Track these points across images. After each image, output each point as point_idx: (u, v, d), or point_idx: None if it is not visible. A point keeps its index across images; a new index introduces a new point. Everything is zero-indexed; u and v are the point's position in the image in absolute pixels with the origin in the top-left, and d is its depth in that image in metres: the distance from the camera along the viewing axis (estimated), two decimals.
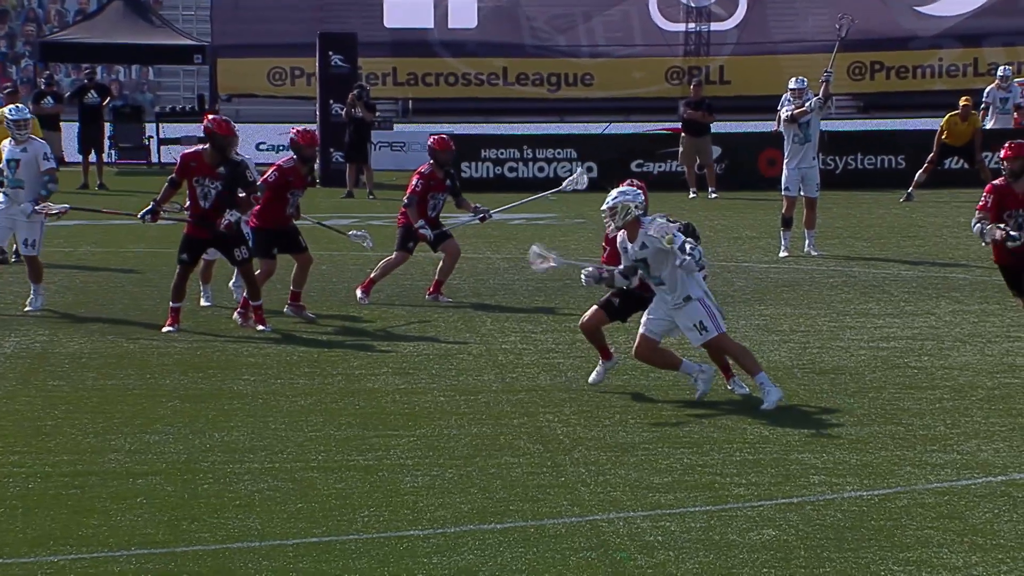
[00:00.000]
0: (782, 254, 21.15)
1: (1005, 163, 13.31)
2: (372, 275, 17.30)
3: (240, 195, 15.29)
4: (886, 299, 17.49)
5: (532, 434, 11.40)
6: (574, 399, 12.54)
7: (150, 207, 15.38)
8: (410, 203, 17.26)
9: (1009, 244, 13.44)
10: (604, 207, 12.26)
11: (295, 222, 16.26)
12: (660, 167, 32.31)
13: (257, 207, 15.89)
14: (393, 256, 17.36)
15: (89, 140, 32.59)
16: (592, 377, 12.78)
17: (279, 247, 16.04)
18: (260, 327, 15.27)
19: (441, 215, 17.59)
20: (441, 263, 17.51)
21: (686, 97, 32.31)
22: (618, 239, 12.33)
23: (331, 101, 33.07)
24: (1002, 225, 13.48)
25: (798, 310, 16.87)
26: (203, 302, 16.96)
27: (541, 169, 32.26)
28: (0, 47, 44.79)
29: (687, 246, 12.01)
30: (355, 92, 31.39)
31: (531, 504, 9.56)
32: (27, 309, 16.41)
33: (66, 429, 11.44)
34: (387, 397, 12.61)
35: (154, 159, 36.67)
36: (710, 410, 12.15)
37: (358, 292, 17.16)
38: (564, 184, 18.32)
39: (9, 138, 16.98)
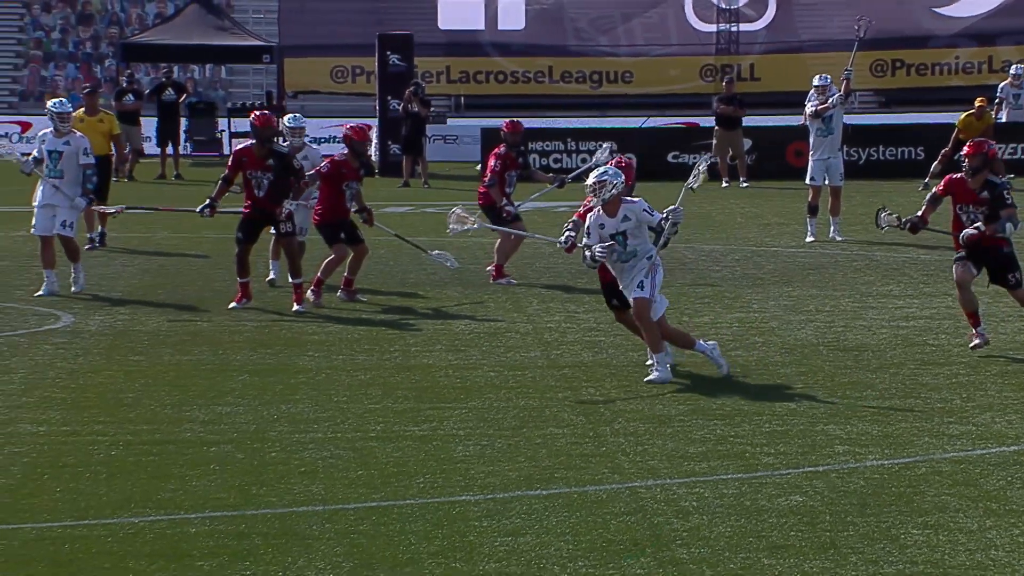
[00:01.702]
0: (808, 239, 21.03)
1: (966, 160, 12.89)
2: (497, 261, 17.31)
3: (292, 180, 15.42)
4: (906, 281, 17.37)
5: (575, 407, 11.38)
6: (615, 374, 12.51)
7: (207, 203, 15.45)
8: (492, 183, 17.47)
9: (899, 230, 13.21)
10: (589, 183, 12.19)
11: (376, 224, 16.30)
12: (695, 158, 32.11)
13: (318, 205, 15.98)
14: (500, 239, 17.45)
15: (166, 134, 32.75)
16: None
17: (344, 234, 16.05)
18: (296, 306, 15.22)
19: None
20: (499, 243, 17.60)
21: (719, 93, 32.18)
22: (590, 218, 12.19)
23: (389, 97, 33.08)
24: (897, 216, 13.22)
25: (823, 291, 16.77)
26: (271, 275, 17.03)
27: (584, 160, 32.10)
28: (86, 48, 45.00)
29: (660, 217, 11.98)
30: (411, 89, 31.39)
31: (574, 472, 9.54)
32: (73, 289, 16.30)
33: (145, 401, 11.49)
34: (441, 372, 12.60)
35: (226, 151, 36.74)
36: (741, 385, 12.10)
37: (501, 280, 17.12)
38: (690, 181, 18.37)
39: (49, 129, 16.78)
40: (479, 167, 32.10)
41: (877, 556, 7.93)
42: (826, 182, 21.27)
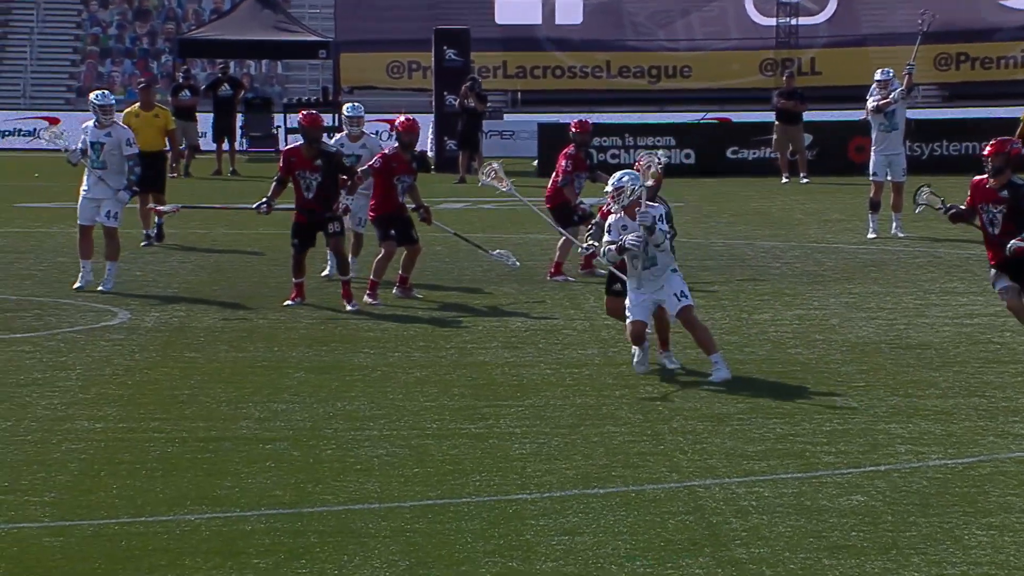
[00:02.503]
0: (870, 235, 20.91)
1: (988, 160, 12.69)
2: (557, 258, 17.34)
3: (343, 178, 15.43)
4: (969, 278, 17.23)
5: (633, 404, 11.36)
6: (672, 372, 12.46)
7: (264, 200, 15.48)
8: (565, 182, 17.53)
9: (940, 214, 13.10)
10: (608, 188, 12.18)
11: (435, 222, 16.30)
12: (754, 154, 32.06)
13: (372, 199, 16.00)
14: (562, 237, 17.49)
15: (222, 130, 32.89)
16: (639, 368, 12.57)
17: (395, 231, 16.00)
18: (348, 306, 15.21)
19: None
20: (561, 240, 17.63)
21: (779, 87, 32.01)
22: (611, 220, 12.21)
23: (445, 93, 33.12)
24: (942, 199, 13.06)
25: (885, 288, 16.67)
26: (327, 270, 17.09)
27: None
28: (142, 44, 45.33)
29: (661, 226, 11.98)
30: (468, 84, 31.42)
31: (632, 470, 9.53)
32: (100, 289, 16.28)
33: (201, 398, 11.56)
34: (497, 369, 12.61)
35: (282, 147, 36.88)
36: (801, 383, 12.04)
37: (559, 278, 17.15)
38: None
39: (92, 122, 16.83)
40: (535, 163, 32.14)
41: (940, 557, 7.88)
42: (888, 178, 21.15)
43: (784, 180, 29.94)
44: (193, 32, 40.22)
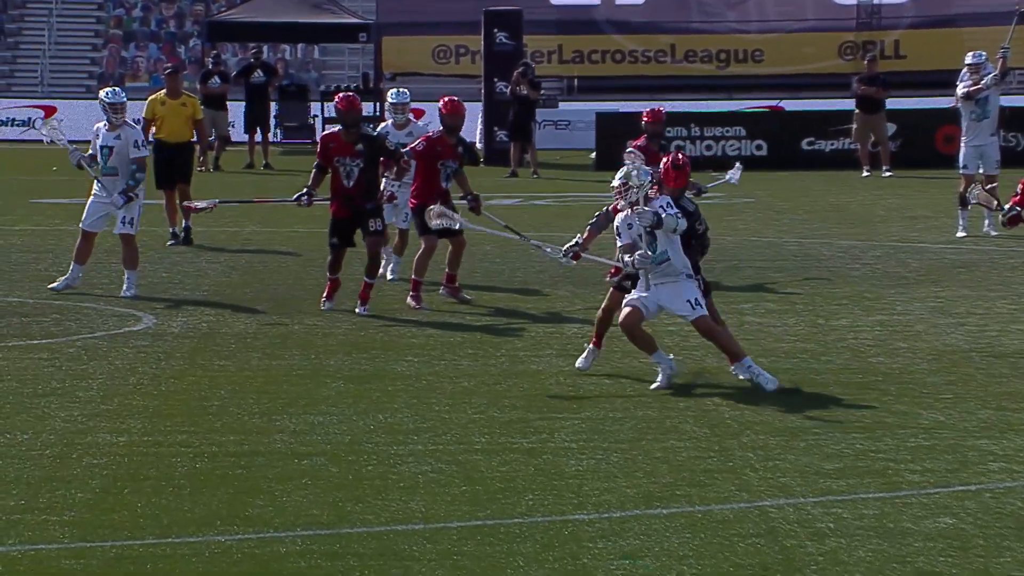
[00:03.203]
0: (959, 234, 20.80)
1: None
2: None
3: (391, 166, 15.47)
4: None
5: (699, 417, 11.36)
6: (742, 382, 12.45)
7: (303, 191, 15.52)
8: None
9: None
10: (614, 183, 12.19)
11: (484, 214, 16.31)
12: (832, 145, 31.96)
13: (413, 185, 16.01)
14: None
15: (255, 119, 33.04)
16: (580, 362, 12.58)
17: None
18: (359, 308, 15.23)
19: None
20: None
21: (859, 72, 31.90)
22: (618, 220, 12.25)
23: (495, 79, 33.19)
24: (999, 202, 13.03)
25: (976, 292, 16.58)
26: (388, 276, 17.16)
27: (709, 148, 32.09)
28: (169, 27, 45.63)
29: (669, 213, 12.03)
30: (520, 70, 31.46)
31: (698, 489, 9.53)
32: (121, 295, 16.35)
33: (232, 409, 11.63)
34: (551, 379, 12.63)
35: (319, 138, 37.11)
36: (883, 395, 12.01)
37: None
38: (727, 176, 18.52)
39: (115, 115, 16.81)
40: (593, 156, 32.16)
41: None
42: (980, 170, 21.04)
43: (865, 174, 29.83)
44: (223, 14, 40.46)
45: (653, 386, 12.11)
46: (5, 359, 13.40)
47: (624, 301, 12.29)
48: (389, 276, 17.30)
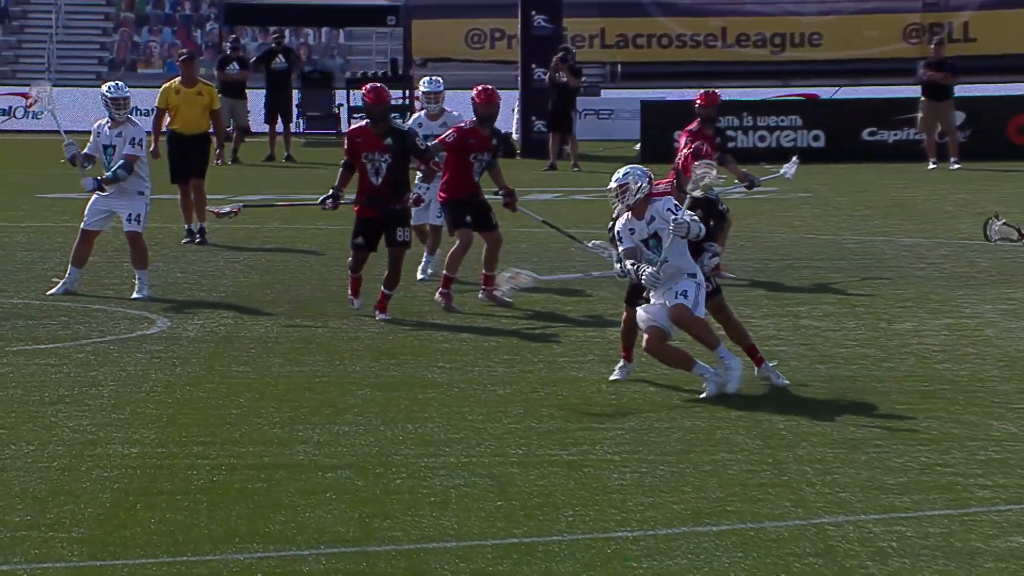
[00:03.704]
0: None
1: None
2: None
3: (420, 166, 15.41)
4: None
5: (751, 428, 11.35)
6: (797, 390, 12.44)
7: (329, 193, 15.49)
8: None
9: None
10: (611, 185, 12.18)
11: (520, 209, 16.33)
12: (895, 135, 31.87)
13: (444, 178, 16.02)
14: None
15: (276, 108, 33.10)
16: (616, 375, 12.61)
17: (471, 217, 16.03)
18: (379, 315, 15.22)
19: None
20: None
21: (925, 57, 31.81)
22: (619, 222, 12.25)
23: (533, 65, 33.19)
24: (1018, 228, 13.07)
25: None
26: (419, 275, 17.19)
27: (762, 138, 32.04)
28: (184, 9, 45.82)
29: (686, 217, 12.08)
30: (559, 55, 31.48)
31: (750, 505, 9.53)
32: (133, 297, 16.40)
33: (251, 418, 11.68)
34: (592, 387, 12.64)
35: (344, 128, 37.19)
36: (950, 404, 11.98)
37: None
38: (782, 170, 18.62)
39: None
40: (638, 147, 32.16)
41: None
42: None
43: (931, 166, 29.74)
44: None
45: (703, 395, 12.11)
46: (10, 365, 13.48)
47: (640, 324, 12.24)
48: (419, 276, 17.34)
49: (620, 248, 12.34)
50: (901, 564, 8.47)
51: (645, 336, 12.21)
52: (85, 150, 16.81)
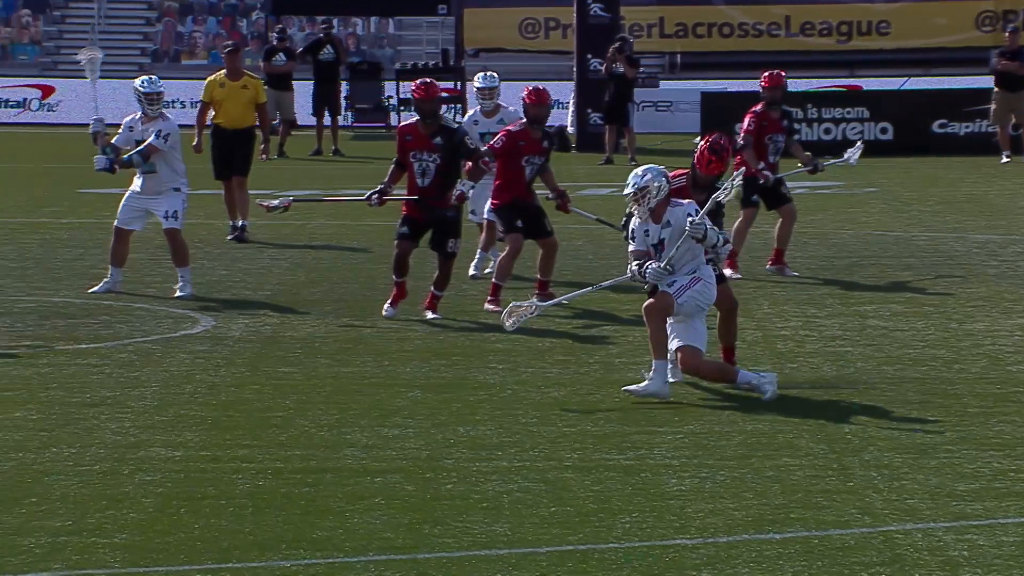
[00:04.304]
0: None
1: None
2: (733, 247, 17.53)
3: (467, 166, 15.35)
4: None
5: (815, 432, 11.33)
6: (864, 393, 12.41)
7: (376, 189, 15.48)
8: (745, 144, 17.58)
9: None
10: (628, 188, 12.13)
11: (573, 210, 16.32)
12: (967, 128, 31.72)
13: (495, 183, 16.01)
14: (740, 216, 17.62)
15: (323, 101, 33.12)
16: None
17: (522, 222, 16.01)
18: (430, 314, 15.25)
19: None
20: (778, 228, 17.71)
21: (1000, 46, 31.63)
22: (634, 223, 12.19)
23: (589, 56, 33.18)
24: None
25: None
26: (471, 271, 17.21)
27: (828, 131, 31.94)
28: None
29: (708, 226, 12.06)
30: (616, 45, 31.45)
31: (814, 512, 9.51)
32: (176, 295, 16.48)
33: (298, 421, 11.72)
34: None
35: (393, 122, 37.27)
36: (1023, 407, 11.92)
37: (734, 274, 17.31)
38: (845, 155, 18.61)
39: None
40: (697, 140, 32.10)
41: None
42: None
43: (1005, 159, 29.59)
44: None
45: (766, 396, 12.09)
46: (51, 365, 13.58)
47: (671, 346, 12.20)
48: (471, 272, 17.36)
49: (630, 248, 12.30)
50: (973, 574, 8.44)
51: (679, 356, 12.20)
52: (113, 140, 16.87)
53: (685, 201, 12.26)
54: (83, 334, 14.87)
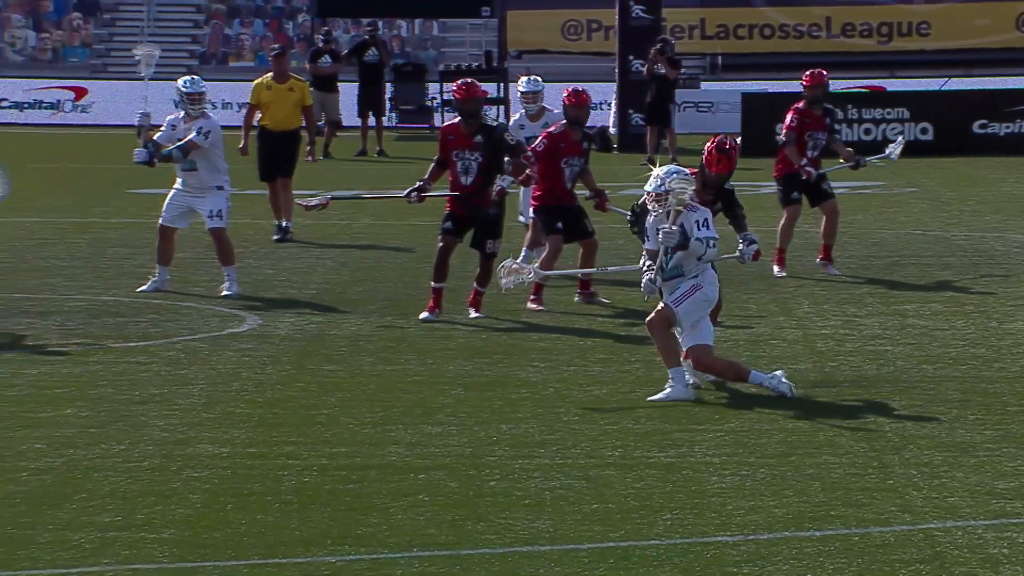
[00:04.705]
0: None
1: None
2: (780, 245, 17.54)
3: (507, 161, 15.33)
4: None
5: (855, 430, 11.29)
6: (904, 391, 12.37)
7: (416, 185, 15.49)
8: (788, 140, 17.57)
9: None
10: (648, 188, 12.06)
11: (611, 208, 16.31)
12: (1008, 128, 31.57)
13: (535, 185, 16.00)
14: (784, 215, 17.61)
15: (368, 102, 33.17)
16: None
17: (562, 224, 16.01)
18: (473, 313, 15.25)
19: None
20: (823, 226, 17.70)
21: None
22: (650, 218, 12.16)
23: (631, 57, 33.15)
24: None
25: None
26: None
27: (868, 131, 31.83)
28: (276, 1, 46.10)
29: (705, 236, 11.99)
30: (658, 47, 31.41)
31: (854, 509, 9.48)
32: (223, 294, 16.52)
33: (342, 418, 11.74)
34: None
35: (437, 123, 37.27)
36: None
37: (779, 271, 17.33)
38: (887, 150, 18.61)
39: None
40: (738, 140, 32.01)
41: None
42: None
43: None
44: None
45: (789, 394, 12.02)
46: (100, 363, 13.63)
47: (682, 347, 12.18)
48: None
49: (645, 245, 12.27)
50: (1013, 572, 8.39)
51: (691, 357, 12.17)
52: (156, 136, 16.91)
53: (700, 207, 12.23)
54: (132, 332, 14.92)
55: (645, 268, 12.21)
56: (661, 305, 12.20)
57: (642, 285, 12.26)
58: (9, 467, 10.38)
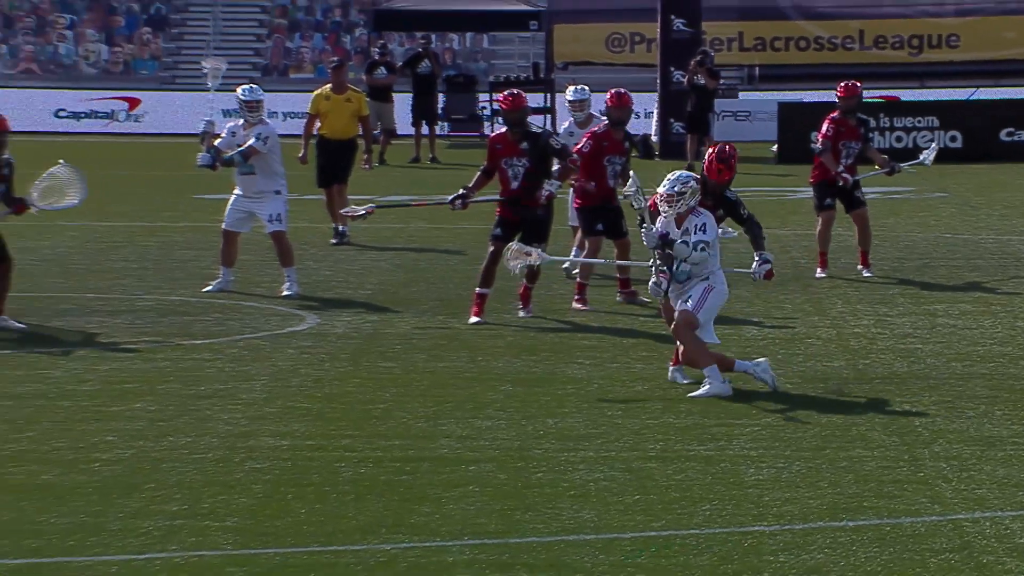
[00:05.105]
0: None
1: None
2: (821, 249, 17.52)
3: (554, 167, 15.33)
4: None
5: (887, 425, 11.24)
6: (934, 388, 12.31)
7: (460, 192, 15.48)
8: (824, 148, 17.55)
9: None
10: (661, 189, 12.00)
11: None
12: None
13: (577, 184, 16.01)
14: (819, 221, 17.59)
15: (421, 111, 33.25)
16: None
17: (603, 224, 16.02)
18: (522, 312, 15.25)
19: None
20: (857, 234, 17.68)
21: None
22: (660, 219, 12.09)
23: (672, 68, 33.10)
24: None
25: None
26: (565, 265, 17.20)
27: (899, 139, 31.69)
28: (334, 16, 46.22)
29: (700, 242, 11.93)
30: (698, 58, 31.35)
31: (886, 501, 9.44)
32: (283, 294, 16.54)
33: (396, 413, 11.75)
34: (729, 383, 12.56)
35: (487, 131, 37.28)
36: None
37: (821, 273, 17.32)
38: (921, 156, 18.61)
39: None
40: (775, 148, 31.94)
41: None
42: None
43: None
44: (391, 2, 40.84)
45: (770, 383, 11.97)
46: (168, 359, 13.69)
47: (677, 310, 12.14)
48: (565, 265, 17.35)
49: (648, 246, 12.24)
50: None
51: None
52: (217, 142, 16.98)
53: (703, 211, 12.20)
54: (197, 330, 14.97)
55: (653, 267, 12.16)
56: (678, 311, 12.13)
57: (649, 287, 12.24)
58: (82, 458, 10.44)
